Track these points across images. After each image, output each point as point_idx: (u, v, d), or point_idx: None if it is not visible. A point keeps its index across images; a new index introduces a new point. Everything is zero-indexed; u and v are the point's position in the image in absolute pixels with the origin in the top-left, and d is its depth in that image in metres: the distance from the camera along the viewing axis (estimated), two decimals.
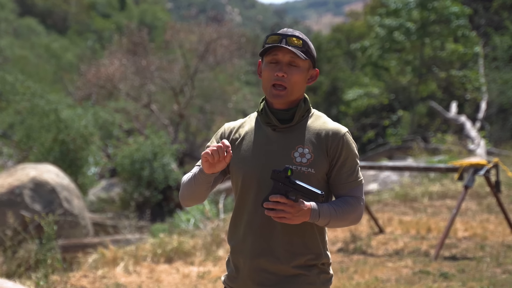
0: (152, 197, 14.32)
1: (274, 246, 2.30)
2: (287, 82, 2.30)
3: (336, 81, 29.34)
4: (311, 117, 2.39)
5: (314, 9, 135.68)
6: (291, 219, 2.16)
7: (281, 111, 2.34)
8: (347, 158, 2.33)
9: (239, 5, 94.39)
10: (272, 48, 2.31)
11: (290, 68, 2.31)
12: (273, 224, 2.29)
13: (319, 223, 2.25)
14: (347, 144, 2.33)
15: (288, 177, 2.15)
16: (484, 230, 7.51)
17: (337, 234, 7.84)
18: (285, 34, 2.32)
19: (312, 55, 2.36)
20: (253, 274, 2.33)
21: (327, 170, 2.33)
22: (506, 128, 20.20)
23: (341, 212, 2.27)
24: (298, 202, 2.15)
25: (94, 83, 21.17)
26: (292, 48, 2.28)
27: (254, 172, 2.32)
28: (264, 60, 2.36)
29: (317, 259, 2.35)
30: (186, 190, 2.36)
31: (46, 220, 5.86)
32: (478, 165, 6.54)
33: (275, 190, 2.16)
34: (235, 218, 2.40)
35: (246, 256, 2.34)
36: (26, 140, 13.86)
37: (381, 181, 12.97)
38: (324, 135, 2.32)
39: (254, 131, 2.38)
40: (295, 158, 2.29)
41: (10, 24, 43.77)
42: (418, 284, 5.45)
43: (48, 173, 9.45)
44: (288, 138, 2.33)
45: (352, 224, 2.35)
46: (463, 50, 19.75)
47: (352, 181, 2.33)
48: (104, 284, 5.88)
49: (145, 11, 54.86)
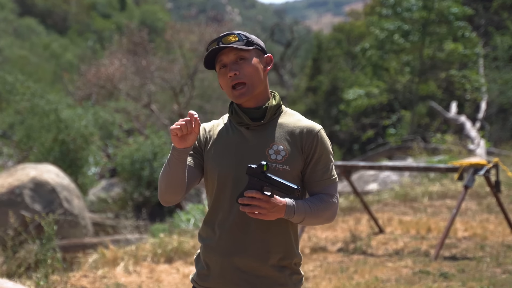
0: (152, 197, 14.32)
1: (247, 244, 2.29)
2: (243, 77, 2.30)
3: (336, 81, 29.33)
4: (284, 114, 2.39)
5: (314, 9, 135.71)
6: (266, 215, 2.15)
7: (251, 109, 2.33)
8: (322, 155, 2.33)
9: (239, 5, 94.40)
10: (214, 56, 2.33)
11: (239, 63, 2.31)
12: (247, 222, 2.28)
13: (294, 220, 2.24)
14: (322, 142, 2.33)
15: (264, 172, 2.13)
16: (484, 230, 7.51)
17: (337, 234, 7.84)
18: (220, 36, 2.33)
19: (255, 43, 2.35)
20: (225, 273, 2.31)
21: (302, 168, 2.32)
22: (506, 128, 20.20)
23: (316, 209, 2.26)
24: (274, 198, 2.14)
25: (94, 83, 21.18)
26: (230, 45, 2.29)
27: (229, 171, 2.31)
28: (216, 70, 2.37)
29: (290, 258, 2.34)
30: (163, 180, 2.30)
31: (46, 220, 5.86)
32: (478, 165, 6.55)
33: (251, 186, 2.14)
34: (209, 216, 2.38)
35: (218, 254, 2.32)
36: (26, 140, 13.87)
37: (381, 181, 12.97)
38: (299, 133, 2.32)
39: (228, 130, 2.38)
40: (269, 156, 2.29)
41: (10, 24, 43.78)
42: (418, 284, 5.45)
43: (48, 173, 9.45)
44: (262, 136, 2.33)
45: (326, 222, 2.35)
46: (462, 50, 19.75)
47: (326, 178, 2.33)
48: (104, 284, 5.88)
49: (145, 11, 54.86)
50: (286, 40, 39.17)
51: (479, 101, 19.88)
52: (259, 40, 2.38)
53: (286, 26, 42.93)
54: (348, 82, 26.76)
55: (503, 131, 20.09)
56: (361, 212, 8.97)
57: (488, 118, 20.12)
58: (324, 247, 7.20)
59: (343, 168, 7.81)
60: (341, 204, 9.69)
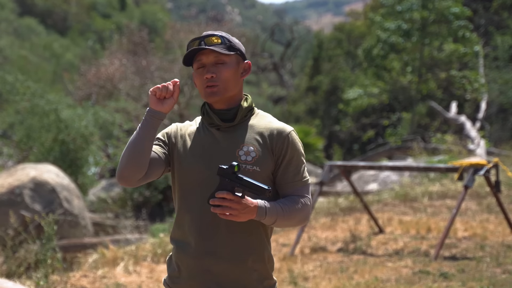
0: (152, 197, 14.32)
1: (217, 246, 2.28)
2: (218, 81, 2.30)
3: (336, 81, 29.32)
4: (255, 116, 2.39)
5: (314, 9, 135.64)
6: (237, 216, 2.14)
7: (222, 111, 2.34)
8: (293, 157, 2.32)
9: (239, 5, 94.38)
10: (194, 53, 2.32)
11: (217, 67, 2.30)
12: (217, 223, 2.27)
13: (265, 221, 2.22)
14: (293, 143, 2.33)
15: (235, 173, 2.12)
16: (484, 230, 7.51)
17: (337, 234, 7.85)
18: (203, 36, 2.32)
19: (237, 48, 2.35)
20: (196, 275, 2.30)
21: (273, 169, 2.32)
22: (506, 128, 20.21)
23: (288, 210, 2.25)
24: (245, 199, 2.13)
25: (94, 83, 21.18)
26: (212, 46, 2.28)
27: (198, 171, 2.30)
28: (193, 67, 2.36)
29: (261, 262, 2.33)
30: (127, 150, 2.27)
31: (46, 220, 5.85)
32: (478, 165, 6.54)
33: (222, 187, 2.13)
34: (179, 218, 2.36)
35: (189, 256, 2.31)
36: (26, 140, 13.86)
37: (381, 181, 12.98)
38: (269, 134, 2.32)
39: (200, 131, 2.37)
40: (240, 157, 2.28)
41: (10, 24, 43.78)
42: (418, 284, 5.45)
43: (48, 173, 9.45)
44: (233, 137, 2.32)
45: (299, 224, 2.33)
46: (463, 50, 19.74)
47: (298, 180, 2.32)
48: (104, 284, 5.88)
49: (145, 11, 54.87)
50: (286, 40, 39.16)
51: (479, 101, 19.88)
52: (240, 44, 2.38)
53: (286, 26, 42.92)
54: (348, 82, 26.76)
55: (503, 131, 20.09)
56: (361, 212, 8.97)
57: (488, 118, 20.12)
58: (324, 247, 7.20)
59: (343, 168, 7.81)
60: (341, 204, 9.69)
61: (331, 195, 11.82)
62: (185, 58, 2.33)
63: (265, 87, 40.65)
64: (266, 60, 35.71)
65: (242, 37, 24.93)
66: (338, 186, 14.37)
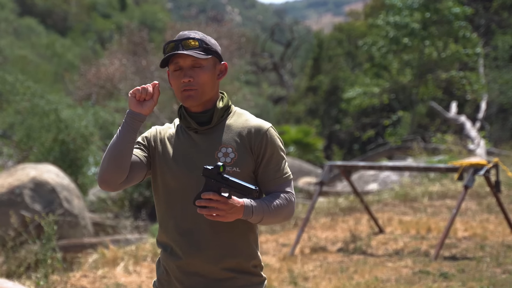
0: (152, 197, 14.31)
1: (203, 247, 2.27)
2: (195, 85, 2.27)
3: (336, 81, 29.31)
4: (232, 115, 2.37)
5: (314, 9, 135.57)
6: (224, 217, 2.13)
7: (198, 114, 2.32)
8: (273, 154, 2.31)
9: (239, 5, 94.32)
10: (171, 56, 2.29)
11: (195, 70, 2.28)
12: (202, 225, 2.26)
13: (252, 220, 2.22)
14: (271, 140, 2.31)
15: (220, 173, 2.11)
16: (484, 230, 7.51)
17: (337, 234, 7.85)
18: (180, 39, 2.29)
19: (214, 50, 2.32)
20: (183, 277, 2.30)
21: (253, 168, 2.31)
22: (506, 128, 20.21)
23: (273, 208, 2.24)
24: (231, 199, 2.12)
25: (94, 83, 21.18)
26: (188, 51, 2.25)
27: (181, 175, 2.29)
28: (169, 69, 2.33)
29: (249, 261, 2.32)
30: (108, 153, 2.24)
31: (46, 220, 5.85)
32: (478, 165, 6.54)
33: (207, 187, 2.12)
34: (163, 221, 2.36)
35: (175, 259, 2.30)
36: (26, 140, 13.86)
37: (381, 181, 12.98)
38: (247, 133, 2.31)
39: (178, 135, 2.36)
40: (219, 158, 2.27)
41: (10, 24, 43.77)
42: (418, 284, 5.45)
43: (48, 173, 9.45)
44: (211, 139, 2.31)
45: (284, 221, 2.33)
46: (463, 51, 19.72)
47: (279, 177, 2.31)
48: (104, 284, 5.88)
49: (145, 11, 54.85)
50: (286, 40, 39.17)
51: (479, 101, 19.88)
52: (217, 45, 2.35)
53: (286, 26, 42.96)
54: (349, 82, 26.76)
55: (503, 131, 20.09)
56: (361, 212, 8.97)
57: (488, 118, 20.11)
58: (324, 247, 7.20)
59: (343, 168, 7.81)
60: (341, 204, 9.69)
61: (331, 195, 11.83)
62: (162, 60, 2.30)
63: (265, 87, 40.64)
64: (266, 60, 35.73)
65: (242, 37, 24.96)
66: (338, 186, 14.38)
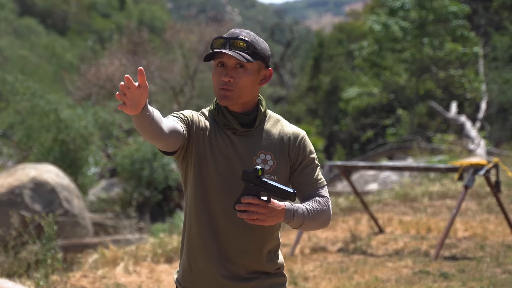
0: (152, 197, 14.32)
1: (233, 252, 2.26)
2: (234, 86, 2.22)
3: (336, 80, 29.32)
4: (269, 120, 2.34)
5: (314, 9, 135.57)
6: (264, 220, 2.10)
7: (241, 114, 2.27)
8: (309, 160, 2.31)
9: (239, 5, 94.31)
10: (217, 52, 2.22)
11: (237, 71, 2.23)
12: (233, 227, 2.25)
13: (292, 224, 2.19)
14: (308, 147, 2.32)
15: (259, 177, 2.09)
16: (484, 230, 7.51)
17: (337, 234, 7.85)
18: (229, 37, 2.23)
19: (261, 55, 2.25)
20: (210, 278, 2.29)
21: (289, 175, 2.30)
22: (506, 128, 20.21)
23: (313, 212, 2.22)
24: (272, 202, 2.10)
25: (94, 83, 21.19)
26: (235, 53, 2.19)
27: (218, 173, 2.26)
28: (213, 63, 2.28)
29: (273, 264, 2.33)
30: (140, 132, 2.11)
31: (46, 220, 5.85)
32: (478, 165, 6.55)
33: (247, 191, 2.10)
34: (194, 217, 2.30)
35: (205, 259, 2.29)
36: (26, 140, 13.87)
37: (381, 181, 12.98)
38: (284, 140, 2.30)
39: (216, 131, 2.29)
40: (257, 165, 2.25)
41: (10, 24, 43.75)
42: (418, 284, 5.45)
43: (48, 173, 9.45)
44: (249, 143, 2.27)
45: (322, 227, 2.30)
46: (462, 50, 19.71)
47: (315, 182, 2.30)
48: (104, 284, 5.88)
49: (144, 10, 54.85)
50: (286, 40, 39.16)
51: (479, 101, 19.87)
52: (267, 50, 2.28)
53: (286, 26, 42.91)
54: (349, 82, 26.76)
55: (503, 131, 20.09)
56: (361, 212, 8.97)
57: (488, 118, 20.11)
58: (324, 247, 7.20)
59: (343, 168, 7.81)
60: (341, 204, 9.69)
61: (331, 195, 11.82)
62: (207, 55, 2.25)
63: (265, 87, 40.63)
64: None
65: None
66: (338, 186, 14.37)
